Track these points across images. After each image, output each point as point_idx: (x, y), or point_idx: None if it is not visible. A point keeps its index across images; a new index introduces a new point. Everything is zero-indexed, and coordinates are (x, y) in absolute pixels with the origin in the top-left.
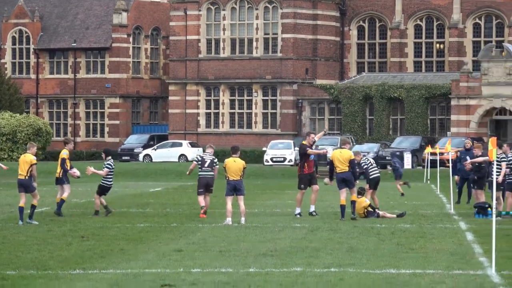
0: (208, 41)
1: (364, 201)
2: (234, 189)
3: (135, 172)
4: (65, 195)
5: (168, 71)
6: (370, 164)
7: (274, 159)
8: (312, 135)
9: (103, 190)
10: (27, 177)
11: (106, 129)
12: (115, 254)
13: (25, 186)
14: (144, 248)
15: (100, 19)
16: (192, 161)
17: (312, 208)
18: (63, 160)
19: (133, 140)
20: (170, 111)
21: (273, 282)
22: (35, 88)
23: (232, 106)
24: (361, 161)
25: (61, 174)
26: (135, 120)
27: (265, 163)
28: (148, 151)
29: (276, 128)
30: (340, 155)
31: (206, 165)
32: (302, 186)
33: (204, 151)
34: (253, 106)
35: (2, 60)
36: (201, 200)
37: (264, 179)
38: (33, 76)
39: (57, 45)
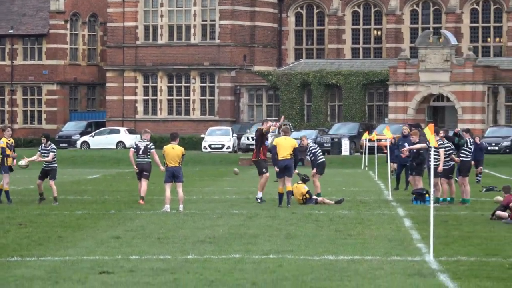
0: (146, 27)
1: (303, 187)
2: (173, 176)
3: (72, 159)
4: (5, 185)
5: (106, 58)
6: (318, 148)
7: (212, 146)
8: (270, 122)
9: (46, 174)
10: None
11: (44, 116)
12: (53, 241)
13: None
14: (82, 235)
15: (37, 5)
16: (129, 148)
17: (260, 195)
18: (3, 149)
19: (71, 127)
20: (107, 97)
21: (212, 268)
22: None
23: (170, 93)
24: (309, 145)
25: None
26: (72, 107)
27: (203, 150)
28: (86, 138)
29: (214, 115)
30: (285, 142)
31: (140, 152)
32: (264, 170)
33: (141, 137)
34: (191, 93)
35: None
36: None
37: (202, 166)
38: None
39: None
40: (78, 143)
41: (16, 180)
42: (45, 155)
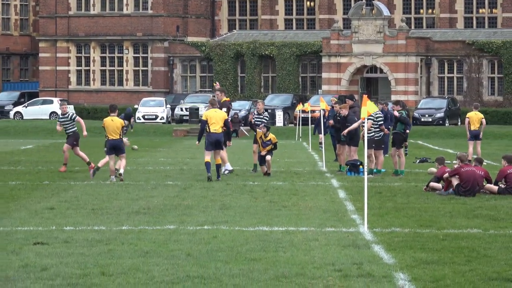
0: None
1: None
2: (114, 148)
3: (5, 129)
4: None
5: (38, 28)
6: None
7: (146, 117)
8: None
9: None
10: None
11: None
12: None
13: None
14: (16, 206)
15: None
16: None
17: (228, 167)
18: None
19: (3, 97)
20: (40, 68)
21: (146, 239)
22: None
23: (103, 64)
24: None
25: None
26: (5, 77)
27: (137, 121)
28: (19, 108)
29: (147, 86)
30: (216, 115)
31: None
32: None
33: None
34: (124, 64)
35: None
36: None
37: (136, 137)
38: None
39: None
40: (11, 113)
41: None
42: None
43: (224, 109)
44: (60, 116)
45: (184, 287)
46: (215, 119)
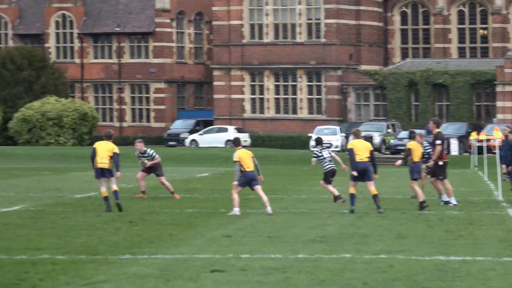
0: (251, 26)
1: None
2: (250, 181)
3: (181, 157)
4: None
5: (212, 56)
6: (429, 146)
7: None
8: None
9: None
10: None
11: (152, 114)
12: (164, 239)
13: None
14: (193, 233)
15: (143, 3)
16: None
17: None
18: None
19: (179, 125)
20: (215, 96)
21: (322, 268)
22: (79, 73)
23: (277, 92)
24: (424, 143)
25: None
26: (180, 105)
27: (311, 149)
28: (195, 136)
29: (321, 114)
30: (360, 144)
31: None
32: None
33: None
34: (298, 92)
35: (46, 45)
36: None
37: (310, 165)
38: (77, 60)
39: (101, 30)
40: (187, 141)
41: (125, 178)
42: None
43: (438, 141)
44: (139, 154)
45: None
46: (360, 148)
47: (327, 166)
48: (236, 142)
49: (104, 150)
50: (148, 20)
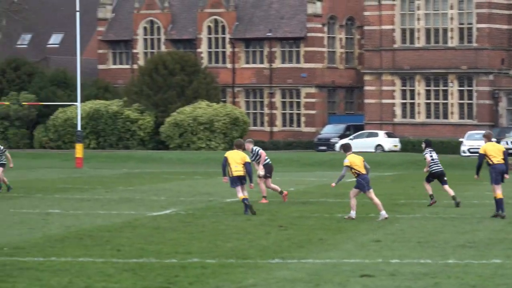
0: (402, 31)
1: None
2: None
3: (332, 162)
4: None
5: (363, 61)
6: None
7: (471, 150)
8: None
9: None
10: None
11: (303, 119)
12: (314, 244)
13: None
14: (343, 238)
15: (294, 8)
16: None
17: None
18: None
19: (329, 130)
20: (365, 101)
21: (472, 273)
22: (231, 78)
23: (428, 97)
24: None
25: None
26: (331, 110)
27: (462, 154)
28: (345, 141)
29: (472, 119)
30: (494, 148)
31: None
32: None
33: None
34: (449, 97)
35: (198, 50)
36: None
37: (461, 170)
38: (229, 65)
39: (252, 35)
40: (337, 146)
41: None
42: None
43: None
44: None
45: None
46: (494, 151)
47: (435, 168)
48: (346, 148)
49: (237, 159)
50: (299, 25)
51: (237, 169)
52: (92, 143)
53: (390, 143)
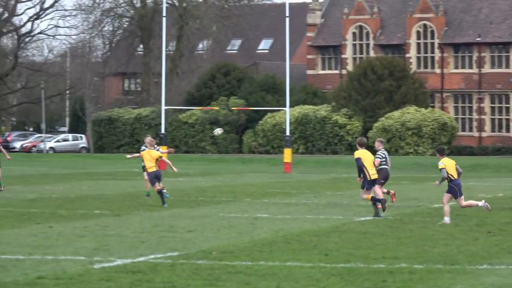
0: None
1: None
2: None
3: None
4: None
5: None
6: None
7: None
8: None
9: None
10: None
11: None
12: None
13: None
14: None
15: (504, 13)
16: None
17: None
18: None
19: None
20: None
21: None
22: (439, 83)
23: None
24: None
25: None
26: None
27: None
28: None
29: None
30: None
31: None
32: None
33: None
34: None
35: (407, 55)
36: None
37: None
38: (437, 70)
39: (461, 40)
40: None
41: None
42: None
43: None
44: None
45: None
46: None
47: None
48: (441, 152)
49: (370, 159)
50: (509, 30)
51: (373, 173)
52: (301, 148)
53: None
